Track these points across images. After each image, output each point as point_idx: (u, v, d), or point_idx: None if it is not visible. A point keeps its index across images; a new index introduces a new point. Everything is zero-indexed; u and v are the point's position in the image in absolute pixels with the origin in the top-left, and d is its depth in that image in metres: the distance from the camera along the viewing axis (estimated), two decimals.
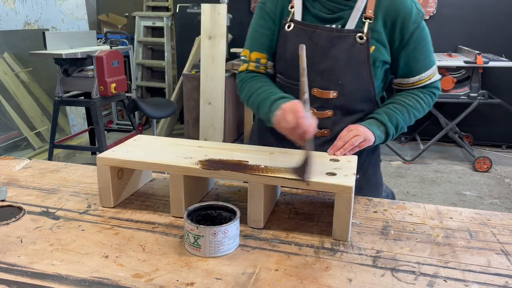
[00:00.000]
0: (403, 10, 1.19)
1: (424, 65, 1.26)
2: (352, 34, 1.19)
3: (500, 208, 3.29)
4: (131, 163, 1.08)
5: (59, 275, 0.84)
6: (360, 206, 1.16)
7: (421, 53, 1.24)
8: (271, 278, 0.84)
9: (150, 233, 1.00)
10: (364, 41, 1.18)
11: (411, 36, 1.21)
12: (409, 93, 1.29)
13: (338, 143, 1.14)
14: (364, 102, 1.28)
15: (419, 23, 1.21)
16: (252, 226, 1.03)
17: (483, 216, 1.13)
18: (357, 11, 1.19)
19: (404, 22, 1.19)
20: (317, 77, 1.23)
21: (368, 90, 1.25)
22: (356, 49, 1.19)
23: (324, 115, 1.26)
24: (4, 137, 3.94)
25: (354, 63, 1.21)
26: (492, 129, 4.67)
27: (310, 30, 1.22)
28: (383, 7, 1.19)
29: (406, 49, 1.23)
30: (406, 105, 1.26)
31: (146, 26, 5.66)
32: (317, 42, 1.21)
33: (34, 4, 4.16)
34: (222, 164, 1.05)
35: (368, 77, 1.22)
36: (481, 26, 4.46)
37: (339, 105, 1.26)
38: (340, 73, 1.22)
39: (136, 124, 4.23)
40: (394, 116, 1.23)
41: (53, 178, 1.33)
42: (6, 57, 4.05)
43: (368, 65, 1.21)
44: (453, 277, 0.85)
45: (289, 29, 1.25)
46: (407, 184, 3.76)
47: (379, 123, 1.23)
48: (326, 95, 1.24)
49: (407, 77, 1.27)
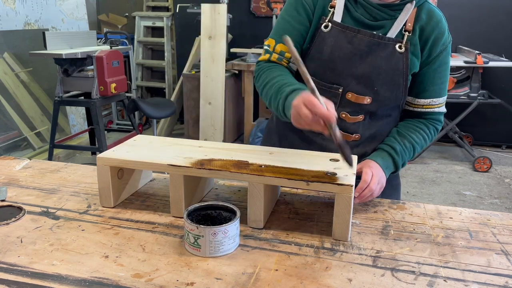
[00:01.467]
0: (437, 29, 1.21)
1: (439, 91, 1.26)
2: (392, 43, 1.19)
3: (500, 208, 3.29)
4: (131, 163, 1.08)
5: (59, 275, 0.84)
6: (360, 206, 1.16)
7: (440, 78, 1.25)
8: (271, 278, 0.84)
9: (150, 233, 1.00)
10: (403, 51, 1.19)
11: (437, 56, 1.22)
12: (418, 126, 1.28)
13: (366, 193, 1.11)
14: (392, 109, 1.28)
15: (447, 47, 1.23)
16: (252, 226, 1.03)
17: (483, 216, 1.13)
18: (400, 22, 1.19)
19: (436, 40, 1.21)
20: (353, 81, 1.21)
21: (399, 99, 1.25)
22: (395, 58, 1.19)
23: (356, 119, 1.25)
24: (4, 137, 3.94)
25: (391, 71, 1.20)
26: (492, 129, 4.67)
27: (351, 34, 1.19)
28: (421, 22, 1.20)
29: (428, 67, 1.23)
30: (415, 143, 1.25)
31: (146, 26, 5.66)
32: (357, 47, 1.19)
33: (34, 4, 4.16)
34: (222, 164, 1.05)
35: (403, 86, 1.22)
36: (481, 26, 4.47)
37: (371, 110, 1.25)
38: (376, 80, 1.20)
39: (136, 124, 4.23)
40: (406, 158, 1.24)
41: (53, 178, 1.33)
42: (6, 57, 4.05)
43: (406, 75, 1.21)
44: (453, 277, 0.85)
45: (327, 29, 1.21)
46: (407, 184, 3.76)
47: (394, 167, 1.23)
48: (360, 101, 1.22)
49: (419, 98, 1.27)
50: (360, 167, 1.15)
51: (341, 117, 1.25)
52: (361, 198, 1.11)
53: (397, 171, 1.25)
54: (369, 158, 1.21)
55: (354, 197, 1.03)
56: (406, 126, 1.29)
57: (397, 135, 1.26)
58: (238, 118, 4.87)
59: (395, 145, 1.23)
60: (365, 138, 1.28)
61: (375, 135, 1.29)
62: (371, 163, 1.17)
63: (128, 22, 5.87)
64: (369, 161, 1.19)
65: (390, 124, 1.31)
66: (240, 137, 4.95)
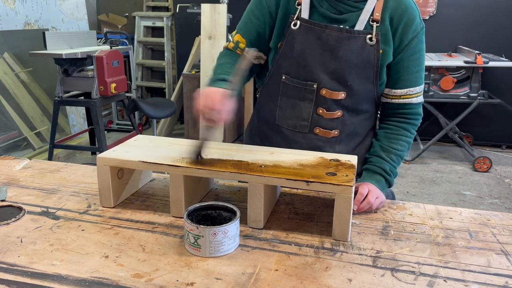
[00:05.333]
0: (406, 16, 1.19)
1: (415, 80, 1.25)
2: (362, 36, 1.19)
3: (500, 208, 3.29)
4: (131, 163, 1.08)
5: (59, 275, 0.84)
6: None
7: (414, 66, 1.24)
8: (271, 278, 0.84)
9: (150, 233, 1.00)
10: (374, 43, 1.19)
11: (409, 44, 1.21)
12: (399, 133, 1.28)
13: (365, 206, 1.13)
14: (369, 103, 1.28)
15: (419, 33, 1.22)
16: (252, 226, 1.03)
17: (483, 216, 1.13)
18: (366, 13, 1.19)
19: (406, 27, 1.20)
20: (326, 77, 1.22)
21: (372, 91, 1.25)
22: (366, 50, 1.19)
23: (334, 115, 1.26)
24: (4, 137, 3.94)
25: (363, 65, 1.20)
26: (492, 129, 4.67)
27: (320, 30, 1.20)
28: (389, 9, 1.19)
29: (401, 56, 1.23)
30: (401, 152, 1.28)
31: (146, 26, 5.66)
32: (327, 42, 1.20)
33: (34, 4, 4.16)
34: (222, 164, 1.05)
35: (374, 78, 1.22)
36: (481, 26, 4.46)
37: (347, 105, 1.25)
38: (349, 74, 1.21)
39: (136, 124, 4.23)
40: (396, 171, 1.27)
41: (53, 178, 1.33)
42: (6, 57, 4.05)
43: (376, 67, 1.21)
44: (453, 277, 0.85)
45: (296, 27, 1.22)
46: (407, 184, 3.76)
47: (388, 185, 1.26)
48: (335, 96, 1.23)
49: (395, 88, 1.26)
50: (356, 186, 1.17)
51: (319, 114, 1.26)
52: (360, 211, 1.12)
53: (390, 186, 1.28)
54: (363, 181, 1.22)
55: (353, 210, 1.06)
56: (387, 137, 1.29)
57: (382, 151, 1.27)
58: (238, 118, 4.86)
59: (384, 165, 1.25)
60: (345, 135, 1.29)
61: (355, 132, 1.30)
62: (367, 184, 1.19)
63: (128, 22, 5.87)
64: (365, 183, 1.20)
65: (368, 119, 1.32)
66: (240, 137, 4.94)
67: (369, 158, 1.29)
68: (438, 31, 4.47)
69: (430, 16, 4.51)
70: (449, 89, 4.04)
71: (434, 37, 4.47)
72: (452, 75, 4.03)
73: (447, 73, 4.03)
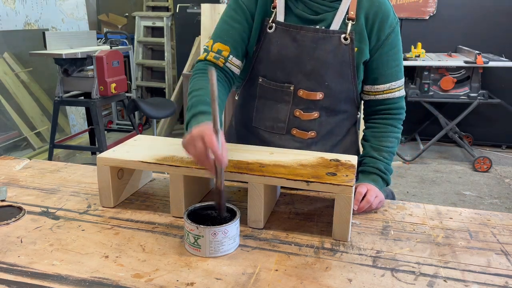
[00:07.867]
0: (381, 12, 1.21)
1: (396, 74, 1.26)
2: (337, 35, 1.19)
3: (500, 208, 3.29)
4: (131, 163, 1.08)
5: (59, 275, 0.84)
6: None
7: (394, 60, 1.25)
8: (271, 278, 0.84)
9: (150, 233, 1.00)
10: (348, 42, 1.19)
11: (386, 39, 1.22)
12: (386, 130, 1.28)
13: (364, 205, 1.12)
14: (347, 102, 1.29)
15: (394, 28, 1.23)
16: (252, 226, 1.03)
17: (483, 216, 1.13)
18: (341, 13, 1.20)
19: (382, 24, 1.21)
20: (303, 78, 1.23)
21: (351, 91, 1.26)
22: (341, 50, 1.20)
23: (310, 116, 1.26)
24: (4, 137, 3.94)
25: (339, 64, 1.21)
26: (492, 129, 4.67)
27: (295, 31, 1.21)
28: (364, 8, 1.21)
29: (380, 52, 1.23)
30: (392, 148, 1.27)
31: (146, 26, 5.66)
32: (302, 44, 1.20)
33: (34, 4, 4.16)
34: None
35: (352, 77, 1.23)
36: (481, 26, 4.46)
37: (325, 106, 1.26)
38: (326, 74, 1.22)
39: (136, 124, 4.23)
40: (390, 168, 1.27)
41: (53, 178, 1.33)
42: (6, 57, 4.05)
43: (353, 66, 1.22)
44: (453, 277, 0.85)
45: (271, 30, 1.22)
46: (407, 184, 3.76)
47: (385, 183, 1.26)
48: (312, 97, 1.24)
49: (377, 84, 1.27)
50: (355, 187, 1.16)
51: (295, 115, 1.26)
52: (360, 210, 1.12)
53: (388, 185, 1.28)
54: (360, 182, 1.22)
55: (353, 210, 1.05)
56: (375, 136, 1.29)
57: (374, 151, 1.27)
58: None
59: (378, 165, 1.25)
60: (322, 136, 1.29)
61: (332, 131, 1.30)
62: (365, 184, 1.19)
63: (128, 22, 5.87)
64: (362, 183, 1.20)
65: (347, 120, 1.32)
66: None
67: (362, 160, 1.29)
68: (438, 31, 4.47)
69: (430, 16, 4.51)
70: (449, 89, 4.04)
71: (434, 37, 4.47)
72: (452, 75, 4.03)
73: (447, 73, 4.03)
